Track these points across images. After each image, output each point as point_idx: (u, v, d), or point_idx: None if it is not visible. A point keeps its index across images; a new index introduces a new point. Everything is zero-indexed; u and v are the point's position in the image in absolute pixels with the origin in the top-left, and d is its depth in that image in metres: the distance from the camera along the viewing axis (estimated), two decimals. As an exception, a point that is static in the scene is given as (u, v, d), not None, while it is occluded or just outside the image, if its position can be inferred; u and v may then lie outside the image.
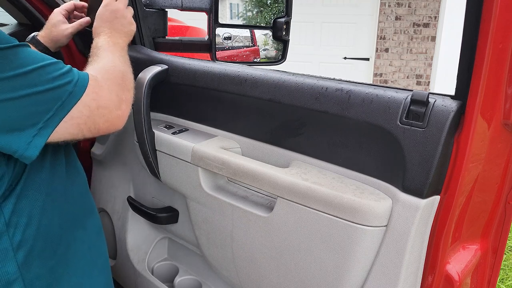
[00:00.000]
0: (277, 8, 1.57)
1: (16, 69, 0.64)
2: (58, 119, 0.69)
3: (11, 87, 0.63)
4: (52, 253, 0.82)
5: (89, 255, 0.92)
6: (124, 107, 0.83)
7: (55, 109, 0.69)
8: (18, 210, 0.75)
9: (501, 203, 0.84)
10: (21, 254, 0.75)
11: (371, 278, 0.82)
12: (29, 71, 0.66)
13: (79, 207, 0.90)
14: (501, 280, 2.45)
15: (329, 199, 0.81)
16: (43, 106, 0.67)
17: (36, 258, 0.78)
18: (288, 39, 1.39)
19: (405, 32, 5.08)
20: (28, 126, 0.66)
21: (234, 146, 1.08)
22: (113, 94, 0.80)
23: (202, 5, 1.29)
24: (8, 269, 0.74)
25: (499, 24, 0.65)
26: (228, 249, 1.08)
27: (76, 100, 0.72)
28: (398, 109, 0.76)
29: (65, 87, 0.71)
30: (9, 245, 0.74)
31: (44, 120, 0.68)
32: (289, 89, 0.92)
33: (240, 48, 1.88)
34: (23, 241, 0.76)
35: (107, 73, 0.82)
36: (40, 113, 0.67)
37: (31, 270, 0.77)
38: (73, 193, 0.88)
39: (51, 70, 0.69)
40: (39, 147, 0.68)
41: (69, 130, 0.72)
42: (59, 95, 0.69)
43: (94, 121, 0.76)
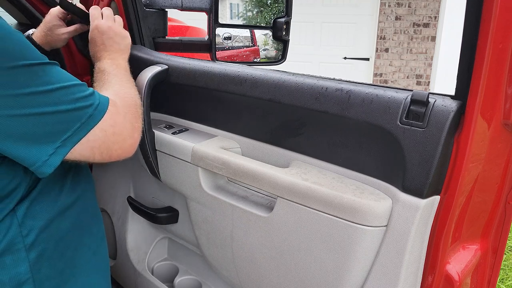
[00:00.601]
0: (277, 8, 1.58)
1: (43, 86, 0.66)
2: (76, 140, 0.70)
3: (37, 102, 0.65)
4: (60, 255, 0.83)
5: (93, 259, 0.93)
6: (136, 135, 0.83)
7: (74, 130, 0.70)
8: (32, 213, 0.76)
9: (501, 203, 0.84)
10: (33, 255, 0.77)
11: (371, 278, 0.82)
12: (55, 89, 0.67)
13: (87, 214, 0.92)
14: (501, 280, 2.45)
15: (329, 199, 0.81)
16: (63, 125, 0.69)
17: (46, 260, 0.80)
18: (288, 39, 1.39)
19: (405, 32, 5.08)
20: (48, 143, 0.67)
21: (234, 146, 1.08)
22: (128, 121, 0.80)
23: (202, 5, 1.29)
24: (20, 269, 0.76)
25: (499, 24, 0.65)
26: (228, 249, 1.08)
27: (94, 123, 0.72)
28: (398, 109, 0.76)
29: (86, 109, 0.71)
30: (22, 246, 0.76)
31: (62, 139, 0.69)
32: (289, 89, 0.92)
33: (240, 48, 1.88)
34: (35, 242, 0.77)
35: (123, 100, 0.83)
36: (59, 132, 0.68)
37: (41, 271, 0.79)
38: (83, 199, 0.90)
39: (75, 91, 0.71)
40: (55, 165, 0.69)
41: (82, 152, 0.72)
42: (80, 116, 0.70)
43: (108, 146, 0.76)
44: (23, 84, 0.64)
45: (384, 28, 5.11)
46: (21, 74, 0.63)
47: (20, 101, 0.63)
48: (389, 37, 5.13)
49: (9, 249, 0.74)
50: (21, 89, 0.63)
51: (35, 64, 0.65)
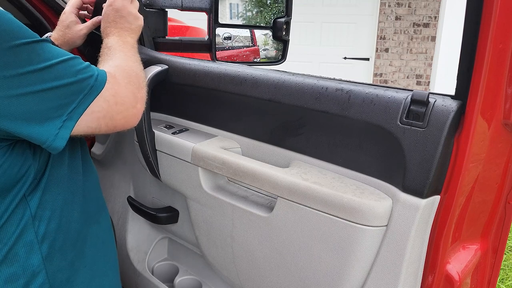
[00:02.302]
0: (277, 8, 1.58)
1: (44, 62, 0.67)
2: (81, 111, 0.72)
3: (40, 79, 0.66)
4: (71, 246, 0.85)
5: (103, 249, 0.96)
6: (139, 105, 0.84)
7: (78, 101, 0.71)
8: (43, 204, 0.78)
9: (501, 203, 0.84)
10: (45, 247, 0.79)
11: (371, 278, 0.82)
12: (55, 64, 0.68)
13: (94, 203, 0.94)
14: (501, 280, 2.45)
15: (329, 199, 0.81)
16: (67, 98, 0.70)
17: (58, 251, 0.81)
18: (288, 39, 1.39)
19: (405, 32, 5.08)
20: (55, 117, 0.69)
21: (234, 146, 1.08)
22: (129, 91, 0.82)
23: (202, 5, 1.29)
24: (33, 261, 0.77)
25: (499, 24, 0.65)
26: (228, 249, 1.08)
27: (96, 93, 0.74)
28: (398, 109, 0.76)
29: (87, 80, 0.73)
30: (34, 238, 0.77)
31: (68, 112, 0.70)
32: (289, 89, 0.92)
33: (240, 48, 1.88)
34: (47, 234, 0.79)
35: (123, 72, 0.84)
36: (64, 105, 0.70)
37: (53, 262, 0.81)
38: (89, 188, 0.92)
39: (74, 64, 0.72)
40: (65, 139, 0.70)
41: (89, 123, 0.74)
42: (82, 88, 0.72)
43: (112, 116, 0.78)
44: (25, 63, 0.64)
45: (384, 28, 5.11)
46: (22, 53, 0.64)
47: (24, 79, 0.64)
48: (389, 37, 5.13)
49: (21, 241, 0.76)
50: (23, 67, 0.64)
51: (33, 42, 0.66)
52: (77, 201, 0.87)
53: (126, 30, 0.99)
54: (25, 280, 0.77)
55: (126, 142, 1.38)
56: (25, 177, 0.75)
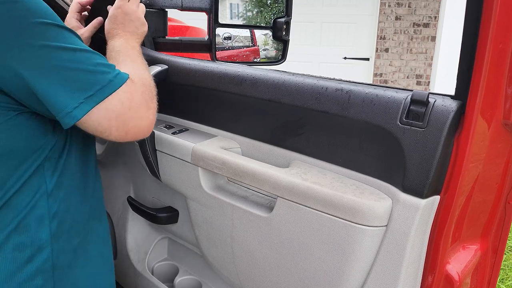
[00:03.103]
0: (277, 8, 1.57)
1: (70, 44, 0.72)
2: (96, 100, 0.73)
3: (63, 56, 0.71)
4: (76, 233, 0.88)
5: (102, 248, 0.98)
6: (151, 117, 0.84)
7: (96, 90, 0.73)
8: (58, 184, 0.83)
9: (501, 203, 0.84)
10: (54, 225, 0.82)
11: (371, 278, 0.82)
12: (79, 49, 0.73)
13: (98, 201, 0.97)
14: (501, 280, 2.45)
15: (329, 199, 0.81)
16: (86, 83, 0.73)
17: (65, 232, 0.85)
18: (288, 39, 1.39)
19: (405, 32, 5.08)
20: (73, 96, 0.72)
21: (234, 146, 1.08)
22: (144, 100, 0.82)
23: (202, 5, 1.29)
24: (42, 235, 0.81)
25: (499, 24, 0.65)
26: (228, 249, 1.08)
27: (114, 89, 0.75)
28: (398, 109, 0.76)
29: (107, 75, 0.75)
30: (46, 213, 0.81)
31: (85, 96, 0.72)
32: (289, 89, 0.92)
33: (240, 48, 1.88)
34: (58, 213, 0.83)
35: (139, 80, 0.84)
36: (82, 89, 0.72)
37: (59, 242, 0.84)
38: (98, 186, 0.96)
39: (97, 58, 0.76)
40: (77, 118, 0.73)
41: (100, 120, 0.75)
42: (101, 79, 0.74)
43: (125, 121, 0.78)
44: (52, 38, 0.70)
45: (384, 28, 5.11)
46: (50, 30, 0.70)
47: (49, 52, 0.69)
48: (389, 37, 5.13)
49: (34, 213, 0.80)
50: (50, 41, 0.69)
51: (63, 27, 0.72)
52: (86, 194, 0.91)
53: (133, 34, 1.00)
54: (31, 252, 0.80)
55: (126, 142, 1.38)
56: (42, 148, 0.79)
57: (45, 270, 0.82)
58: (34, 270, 0.81)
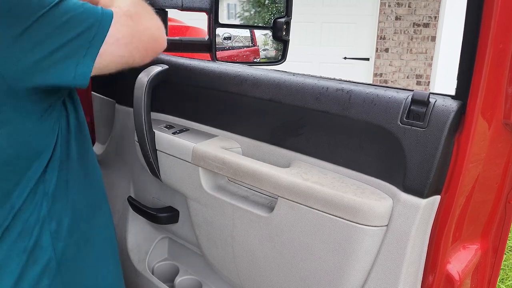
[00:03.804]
0: (277, 8, 1.57)
1: (51, 1, 0.67)
2: (102, 35, 0.71)
3: (53, 17, 0.67)
4: (77, 227, 0.88)
5: (105, 234, 0.99)
6: (160, 29, 0.83)
7: (97, 26, 0.70)
8: (58, 183, 0.82)
9: (501, 203, 0.84)
10: (54, 224, 0.82)
11: (371, 277, 0.82)
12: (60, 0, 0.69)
13: (99, 189, 0.98)
14: (501, 280, 2.45)
15: (330, 199, 0.81)
16: (84, 25, 0.70)
17: (65, 229, 0.85)
18: (288, 39, 1.39)
19: (405, 32, 5.08)
20: (78, 47, 0.69)
21: (234, 146, 1.08)
22: (146, 18, 0.80)
23: (202, 5, 1.29)
24: (43, 236, 0.81)
25: (500, 24, 0.65)
26: (229, 249, 1.08)
27: (110, 16, 0.72)
28: (398, 109, 0.76)
29: (95, 8, 0.72)
30: (47, 214, 0.81)
31: (89, 39, 0.70)
32: (289, 89, 0.92)
33: (240, 48, 1.88)
34: (57, 211, 0.83)
35: (128, 3, 0.81)
36: (83, 33, 0.70)
37: (60, 239, 0.84)
38: (97, 176, 0.97)
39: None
40: (90, 67, 0.71)
41: (118, 52, 0.73)
42: (94, 13, 0.71)
43: (140, 38, 0.76)
44: (38, 6, 0.66)
45: (384, 28, 5.11)
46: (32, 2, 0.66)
47: (41, 22, 0.66)
48: (389, 37, 5.13)
49: (36, 215, 0.80)
50: (38, 11, 0.66)
51: None
52: (85, 186, 0.91)
53: None
54: (35, 254, 0.80)
55: (126, 142, 1.38)
56: (46, 151, 0.79)
57: (51, 269, 0.83)
58: (39, 271, 0.81)
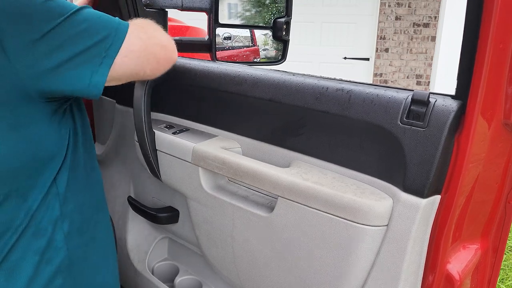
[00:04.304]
0: (277, 8, 1.57)
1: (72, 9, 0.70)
2: (117, 46, 0.73)
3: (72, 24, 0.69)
4: (86, 228, 0.91)
5: (106, 234, 1.00)
6: (171, 44, 0.85)
7: (112, 37, 0.73)
8: (68, 184, 0.84)
9: (501, 203, 0.84)
10: (66, 224, 0.84)
11: (371, 277, 0.82)
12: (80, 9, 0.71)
13: (101, 192, 0.99)
14: (501, 280, 2.45)
15: (330, 198, 0.81)
16: (100, 34, 0.72)
17: (76, 230, 0.87)
18: (288, 39, 1.39)
19: (405, 32, 5.08)
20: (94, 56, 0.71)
21: (234, 146, 1.08)
22: (157, 30, 0.84)
23: (202, 5, 1.29)
24: (57, 236, 0.83)
25: (500, 24, 0.65)
26: (229, 249, 1.08)
27: (126, 28, 0.75)
28: (398, 109, 0.76)
29: (113, 20, 0.74)
30: (59, 214, 0.83)
31: (105, 48, 0.72)
32: (289, 89, 0.92)
33: (240, 48, 1.88)
34: (69, 212, 0.85)
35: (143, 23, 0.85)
36: (100, 42, 0.72)
37: (73, 240, 0.86)
38: (98, 178, 0.98)
39: (95, 11, 0.75)
40: (105, 76, 0.73)
41: (131, 65, 0.75)
42: (110, 24, 0.74)
43: (152, 51, 0.79)
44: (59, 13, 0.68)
45: (384, 28, 5.11)
46: (52, 4, 0.68)
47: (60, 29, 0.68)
48: (389, 37, 5.13)
49: (49, 215, 0.81)
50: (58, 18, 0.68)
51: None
52: (92, 188, 0.93)
53: None
54: (49, 254, 0.82)
55: (126, 142, 1.38)
56: (58, 155, 0.80)
57: (64, 269, 0.84)
58: (53, 271, 0.83)
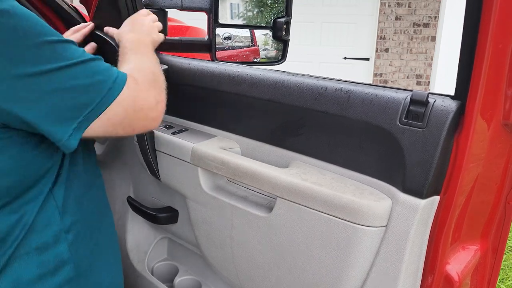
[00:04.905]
0: (277, 8, 1.57)
1: (64, 61, 0.68)
2: (96, 114, 0.71)
3: (60, 77, 0.67)
4: (90, 237, 0.89)
5: (112, 238, 1.00)
6: (160, 108, 0.82)
7: (96, 103, 0.71)
8: (67, 196, 0.82)
9: (501, 203, 0.84)
10: (70, 236, 0.83)
11: (370, 278, 0.82)
12: (74, 64, 0.69)
13: (103, 196, 0.98)
14: (501, 280, 2.45)
15: (329, 199, 0.81)
16: (84, 99, 0.70)
17: (81, 240, 0.86)
18: (288, 39, 1.39)
19: (405, 32, 5.07)
20: (72, 117, 0.69)
21: (233, 146, 1.08)
22: (151, 95, 0.80)
23: (202, 5, 1.29)
24: (61, 249, 0.81)
25: (499, 24, 0.65)
26: (228, 249, 1.08)
27: (113, 97, 0.73)
28: (397, 109, 0.76)
29: (105, 83, 0.72)
30: (62, 228, 0.81)
31: (84, 114, 0.70)
32: (288, 89, 0.92)
33: (240, 48, 1.88)
34: (72, 224, 0.83)
35: (142, 74, 0.82)
36: (82, 106, 0.70)
37: (78, 251, 0.85)
38: (100, 183, 0.96)
39: (93, 66, 0.73)
40: (78, 139, 0.71)
41: (105, 128, 0.73)
42: (99, 90, 0.72)
43: (130, 122, 0.77)
44: (48, 60, 0.66)
45: (384, 28, 5.11)
46: (46, 50, 0.66)
47: (46, 77, 0.66)
48: (389, 37, 5.12)
49: (50, 230, 0.80)
50: (46, 65, 0.66)
51: (54, 41, 0.68)
52: (93, 196, 0.91)
53: (146, 36, 0.98)
54: (54, 267, 0.81)
55: (126, 142, 1.38)
56: (51, 171, 0.78)
57: (71, 279, 0.83)
58: (60, 282, 0.82)
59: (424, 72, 5.16)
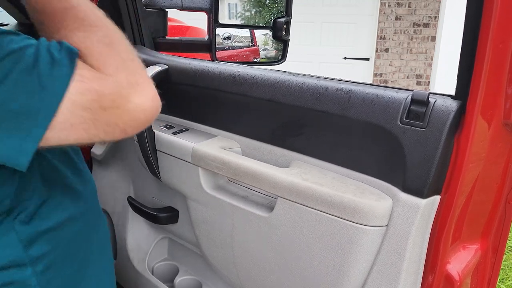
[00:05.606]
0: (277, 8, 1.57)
1: None
2: (41, 130, 0.54)
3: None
4: (72, 259, 0.78)
5: (100, 258, 0.90)
6: (140, 88, 0.57)
7: (34, 119, 0.53)
8: (34, 226, 0.70)
9: (501, 203, 0.84)
10: (39, 267, 0.72)
11: (371, 277, 0.82)
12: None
13: (93, 206, 0.86)
14: (501, 280, 2.45)
15: (330, 199, 0.81)
16: (21, 114, 0.53)
17: (55, 269, 0.74)
18: (288, 39, 1.39)
19: (405, 32, 5.07)
20: (17, 130, 0.54)
21: (234, 146, 1.08)
22: (123, 80, 0.57)
23: (202, 5, 1.29)
24: (30, 283, 0.71)
25: (500, 24, 0.65)
26: (229, 249, 1.08)
27: (59, 98, 0.53)
28: (398, 109, 0.76)
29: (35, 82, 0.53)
30: (28, 260, 0.70)
31: (24, 133, 0.54)
32: (289, 89, 0.92)
33: (240, 48, 1.88)
34: (41, 256, 0.72)
35: (90, 46, 0.57)
36: (17, 128, 0.54)
37: (51, 282, 0.74)
38: (87, 199, 0.83)
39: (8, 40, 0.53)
40: (25, 163, 0.55)
41: (74, 136, 0.56)
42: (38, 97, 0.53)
43: (107, 121, 0.56)
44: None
45: (384, 28, 5.11)
46: None
47: None
48: (389, 37, 5.12)
49: (14, 265, 0.69)
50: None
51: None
52: (76, 214, 0.78)
53: None
54: None
55: (126, 142, 1.38)
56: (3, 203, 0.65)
57: None
58: None
59: (424, 72, 5.16)
